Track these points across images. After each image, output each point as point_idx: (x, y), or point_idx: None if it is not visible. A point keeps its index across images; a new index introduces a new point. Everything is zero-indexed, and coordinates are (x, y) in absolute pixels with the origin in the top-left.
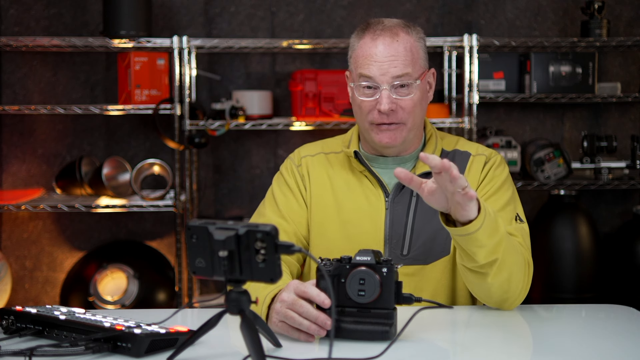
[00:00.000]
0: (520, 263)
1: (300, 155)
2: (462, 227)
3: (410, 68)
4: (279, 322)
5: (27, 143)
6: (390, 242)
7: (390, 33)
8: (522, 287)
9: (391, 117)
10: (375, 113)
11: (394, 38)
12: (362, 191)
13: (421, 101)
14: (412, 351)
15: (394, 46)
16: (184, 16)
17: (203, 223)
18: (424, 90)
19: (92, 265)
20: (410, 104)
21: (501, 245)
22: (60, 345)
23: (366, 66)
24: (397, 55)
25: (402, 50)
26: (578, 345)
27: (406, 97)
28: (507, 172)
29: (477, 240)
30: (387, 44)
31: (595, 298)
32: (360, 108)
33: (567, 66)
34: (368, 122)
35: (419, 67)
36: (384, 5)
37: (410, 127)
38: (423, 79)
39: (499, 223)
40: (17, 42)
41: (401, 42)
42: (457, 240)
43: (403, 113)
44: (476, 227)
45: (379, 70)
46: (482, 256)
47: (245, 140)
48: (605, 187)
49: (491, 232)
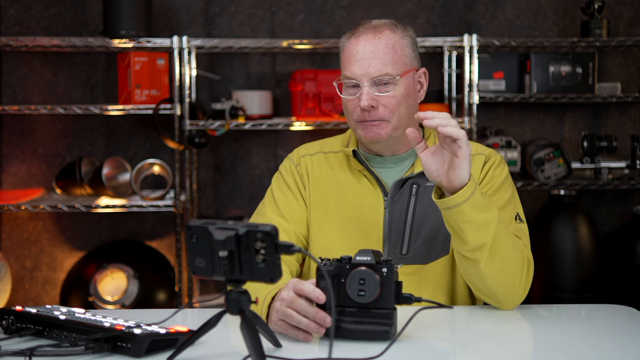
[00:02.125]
0: (517, 258)
1: (300, 154)
2: (451, 196)
3: (391, 66)
4: (279, 321)
5: (27, 143)
6: (389, 241)
7: (373, 31)
8: (519, 283)
9: (372, 114)
10: (358, 110)
11: (375, 35)
12: (361, 190)
13: (406, 99)
14: (412, 351)
15: (375, 42)
16: (184, 16)
17: (203, 223)
18: (410, 88)
19: (92, 265)
20: (392, 101)
21: (491, 226)
22: (60, 345)
23: (349, 66)
24: (377, 52)
25: (382, 47)
26: (578, 345)
27: (386, 93)
28: (507, 171)
29: (464, 213)
30: (369, 41)
31: (595, 298)
32: (346, 107)
33: (567, 66)
34: (354, 120)
35: (402, 64)
36: (384, 5)
37: (396, 124)
38: (405, 75)
39: (490, 205)
40: (17, 42)
41: (383, 39)
42: (446, 216)
43: (385, 110)
44: (464, 196)
45: (360, 69)
46: (471, 235)
47: (245, 140)
48: (605, 187)
49: (480, 208)
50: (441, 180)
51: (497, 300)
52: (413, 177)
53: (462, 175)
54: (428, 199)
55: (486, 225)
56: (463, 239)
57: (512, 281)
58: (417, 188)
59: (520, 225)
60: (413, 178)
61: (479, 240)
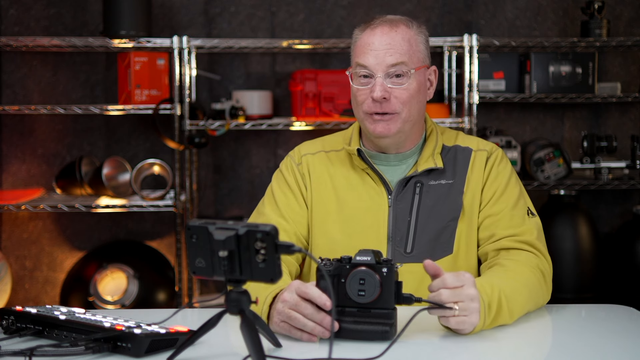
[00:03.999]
0: (538, 293)
1: (301, 153)
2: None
3: (407, 57)
4: (281, 322)
5: (27, 143)
6: (393, 240)
7: (390, 24)
8: (543, 299)
9: (384, 106)
10: (369, 101)
11: (392, 28)
12: (365, 189)
13: (418, 94)
14: (412, 351)
15: (392, 35)
16: (184, 16)
17: (203, 223)
18: (422, 84)
19: (92, 265)
20: (404, 94)
21: (508, 316)
22: (60, 345)
23: (363, 55)
24: (394, 44)
25: (399, 40)
26: (578, 345)
27: (400, 86)
28: (510, 165)
29: (494, 325)
30: (385, 33)
31: (595, 298)
32: (355, 97)
33: (567, 66)
34: (363, 112)
35: (417, 59)
36: (384, 5)
37: (406, 118)
38: (419, 70)
39: (502, 306)
40: (17, 42)
41: (399, 33)
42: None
43: (397, 102)
44: (479, 328)
45: (374, 59)
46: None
47: (245, 140)
48: (605, 187)
49: (496, 320)
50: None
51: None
52: (417, 175)
53: (473, 323)
54: (432, 197)
55: (501, 322)
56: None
57: (537, 303)
58: (421, 186)
59: (533, 219)
60: (417, 176)
61: (515, 318)
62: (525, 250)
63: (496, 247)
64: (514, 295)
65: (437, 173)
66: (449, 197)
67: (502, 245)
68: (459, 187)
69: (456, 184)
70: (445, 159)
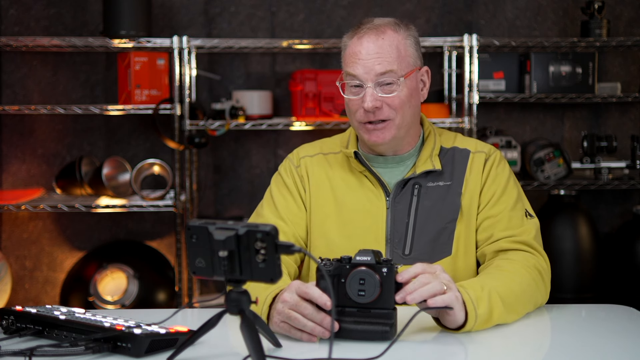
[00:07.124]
0: (535, 292)
1: (299, 155)
2: (455, 331)
3: (396, 65)
4: (281, 323)
5: (27, 143)
6: (391, 241)
7: (376, 31)
8: (542, 299)
9: (377, 115)
10: (361, 111)
11: (379, 36)
12: (363, 191)
13: (410, 99)
14: (412, 351)
15: (379, 43)
16: (184, 16)
17: (203, 223)
18: (413, 88)
19: (92, 265)
20: (396, 101)
21: (502, 316)
22: (60, 345)
23: (352, 65)
24: (382, 53)
25: (386, 47)
26: (578, 345)
27: (391, 94)
28: (508, 167)
29: (491, 324)
30: (372, 41)
31: (595, 298)
32: (348, 107)
33: (567, 66)
34: (357, 121)
35: (406, 64)
36: (384, 5)
37: (400, 124)
38: (409, 76)
39: (493, 307)
40: (17, 42)
41: (386, 39)
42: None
43: (389, 110)
44: (468, 329)
45: (363, 68)
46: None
47: (245, 140)
48: (605, 187)
49: (487, 321)
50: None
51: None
52: (415, 177)
53: (458, 320)
54: (430, 199)
55: (498, 320)
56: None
57: (535, 302)
58: (419, 188)
59: (531, 220)
60: (415, 178)
61: (509, 321)
62: (523, 250)
63: (494, 248)
64: (508, 293)
65: (435, 175)
66: (447, 199)
67: (500, 247)
68: (457, 188)
69: (454, 186)
70: (443, 160)
